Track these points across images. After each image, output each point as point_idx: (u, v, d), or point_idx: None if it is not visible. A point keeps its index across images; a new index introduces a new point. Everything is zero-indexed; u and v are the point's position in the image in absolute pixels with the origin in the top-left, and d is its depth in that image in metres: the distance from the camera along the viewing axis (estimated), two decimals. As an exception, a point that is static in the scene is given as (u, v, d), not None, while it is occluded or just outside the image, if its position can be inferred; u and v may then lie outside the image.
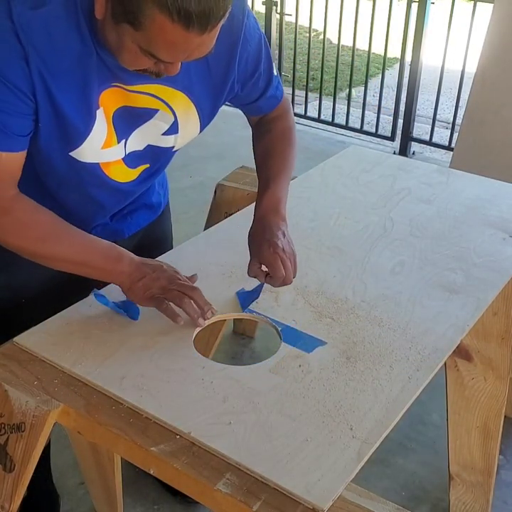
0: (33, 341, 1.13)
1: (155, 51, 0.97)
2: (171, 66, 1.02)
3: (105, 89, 1.10)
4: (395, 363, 1.11)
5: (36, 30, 1.00)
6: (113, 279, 1.17)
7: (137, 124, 1.19)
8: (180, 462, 0.92)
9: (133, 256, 1.17)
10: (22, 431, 1.02)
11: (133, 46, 0.98)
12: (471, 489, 1.73)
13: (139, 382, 1.04)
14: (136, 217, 1.43)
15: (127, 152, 1.21)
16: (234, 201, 1.84)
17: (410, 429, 2.09)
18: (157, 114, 1.19)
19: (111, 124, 1.15)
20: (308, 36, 4.53)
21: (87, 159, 1.16)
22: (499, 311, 1.52)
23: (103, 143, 1.16)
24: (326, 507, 0.86)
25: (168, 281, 1.15)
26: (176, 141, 1.25)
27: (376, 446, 0.95)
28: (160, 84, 1.15)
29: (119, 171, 1.23)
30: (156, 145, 1.24)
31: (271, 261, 1.19)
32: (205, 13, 0.91)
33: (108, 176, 1.22)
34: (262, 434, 0.95)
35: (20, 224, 1.13)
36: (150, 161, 1.28)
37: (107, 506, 1.66)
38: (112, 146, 1.17)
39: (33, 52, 1.00)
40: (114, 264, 1.15)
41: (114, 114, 1.14)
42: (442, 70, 3.92)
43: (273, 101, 1.37)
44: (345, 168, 1.85)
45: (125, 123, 1.17)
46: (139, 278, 1.14)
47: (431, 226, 1.55)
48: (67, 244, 1.15)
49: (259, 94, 1.32)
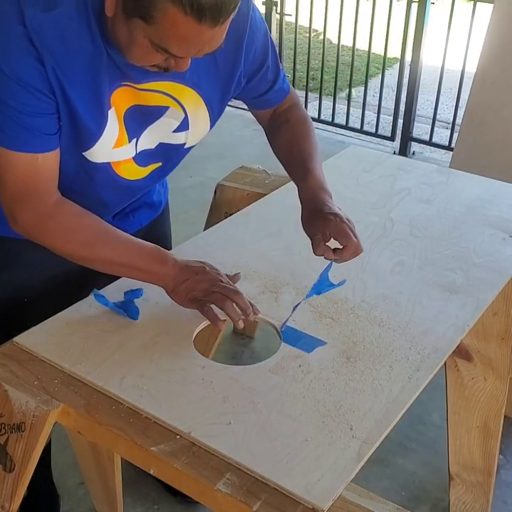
0: (33, 341, 1.13)
1: (167, 45, 0.97)
2: (182, 61, 1.02)
3: (116, 89, 1.11)
4: (394, 363, 1.11)
5: (49, 32, 1.00)
6: (157, 280, 1.17)
7: (148, 123, 1.19)
8: (180, 462, 0.92)
9: (176, 258, 1.17)
10: (22, 431, 1.02)
11: (144, 41, 0.98)
12: (471, 489, 1.73)
13: (139, 382, 1.04)
14: (138, 216, 1.43)
15: (138, 151, 1.21)
16: (234, 201, 1.84)
17: (410, 429, 2.09)
18: (167, 111, 1.19)
19: (122, 123, 1.15)
20: (308, 36, 4.53)
21: (99, 159, 1.17)
22: (499, 311, 1.52)
23: (114, 143, 1.16)
24: (326, 507, 0.86)
25: (211, 283, 1.14)
26: (186, 137, 1.25)
27: (376, 446, 0.95)
28: (169, 81, 1.15)
29: (129, 170, 1.23)
30: (168, 142, 1.24)
31: (340, 230, 1.16)
32: (217, 6, 0.92)
33: (118, 175, 1.23)
34: (262, 434, 0.95)
35: (67, 228, 1.14)
36: (162, 159, 1.27)
37: (107, 506, 1.66)
38: (123, 145, 1.18)
39: (47, 54, 1.01)
40: (159, 266, 1.16)
41: (125, 113, 1.14)
42: (442, 70, 3.92)
43: (281, 93, 1.37)
44: (345, 168, 1.85)
45: (136, 122, 1.17)
46: (183, 280, 1.14)
47: (431, 226, 1.55)
48: (113, 247, 1.16)
49: (269, 87, 1.33)
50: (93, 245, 1.15)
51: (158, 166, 1.28)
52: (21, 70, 1.00)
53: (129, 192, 1.32)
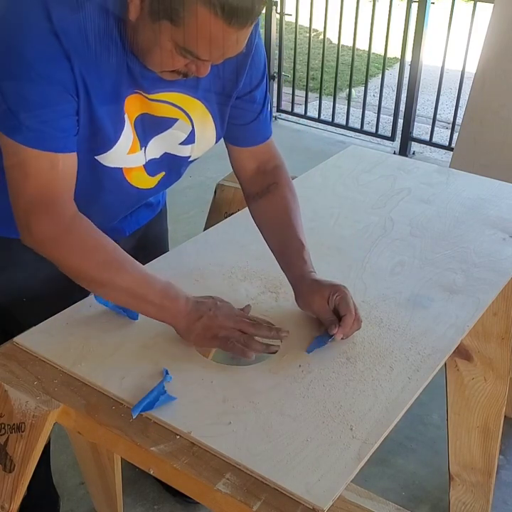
0: (33, 341, 1.12)
1: (192, 47, 0.97)
2: (203, 66, 1.02)
3: (129, 95, 1.11)
4: (394, 363, 1.11)
5: (75, 33, 1.00)
6: (168, 317, 1.11)
7: (156, 132, 1.18)
8: (180, 462, 0.92)
9: (188, 295, 1.12)
10: (22, 431, 1.02)
11: (168, 44, 0.98)
12: (471, 489, 1.73)
13: (139, 382, 1.04)
14: (136, 216, 1.43)
15: (147, 159, 1.21)
16: (234, 201, 1.84)
17: (410, 429, 2.09)
18: (176, 123, 1.18)
19: (133, 129, 1.15)
20: (308, 36, 4.54)
21: (112, 163, 1.16)
22: (499, 311, 1.52)
23: (129, 148, 1.15)
24: (326, 507, 0.86)
25: (227, 317, 1.10)
26: (192, 150, 1.25)
27: (376, 446, 0.95)
28: (179, 92, 1.15)
29: (139, 178, 1.23)
30: (173, 153, 1.24)
31: (344, 298, 1.14)
32: (247, 9, 0.93)
33: (129, 182, 1.22)
34: (262, 434, 0.95)
35: (85, 245, 1.08)
36: (166, 169, 1.27)
37: (107, 506, 1.66)
38: (136, 151, 1.17)
39: (74, 53, 1.00)
40: (172, 302, 1.09)
41: (136, 120, 1.14)
42: (442, 70, 3.93)
43: (266, 130, 1.31)
44: (345, 168, 1.85)
45: (145, 130, 1.17)
46: (197, 318, 1.09)
47: (431, 226, 1.55)
48: (129, 275, 1.09)
49: (254, 117, 1.27)
50: (110, 268, 1.08)
51: (163, 176, 1.28)
52: (49, 65, 0.99)
53: (135, 200, 1.32)
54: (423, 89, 4.35)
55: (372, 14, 4.03)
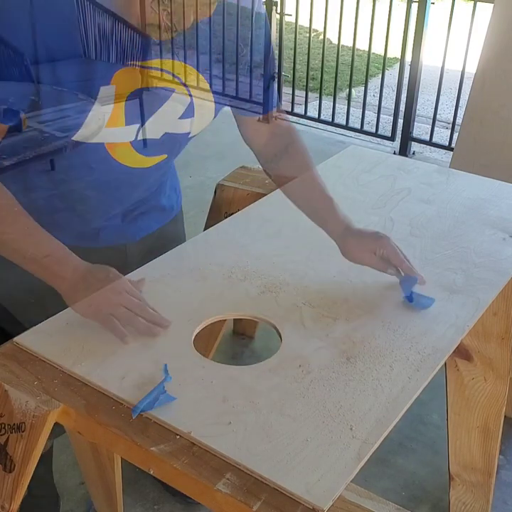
0: (33, 341, 1.12)
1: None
2: (185, 18, 1.01)
3: (120, 68, 1.09)
4: (395, 363, 1.11)
5: None
6: (52, 281, 1.09)
7: (154, 108, 1.17)
8: (180, 462, 0.92)
9: (79, 262, 1.10)
10: (22, 431, 1.02)
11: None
12: (471, 489, 1.73)
13: (139, 382, 1.04)
14: (148, 220, 1.41)
15: (141, 138, 1.18)
16: (234, 201, 1.84)
17: (410, 429, 2.09)
18: (173, 94, 1.16)
19: (122, 103, 1.12)
20: (308, 36, 4.53)
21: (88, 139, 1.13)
22: (499, 311, 1.52)
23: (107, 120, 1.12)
24: (326, 507, 0.86)
25: (114, 292, 1.09)
26: (191, 126, 1.23)
27: (376, 446, 0.95)
28: (175, 60, 1.13)
29: (127, 155, 1.20)
30: (173, 132, 1.22)
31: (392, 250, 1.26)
32: None
33: (114, 159, 1.19)
34: (262, 434, 0.95)
35: None
36: (167, 151, 1.25)
37: (107, 506, 1.66)
38: (117, 126, 1.14)
39: None
40: (57, 265, 1.07)
41: (129, 96, 1.12)
42: (442, 70, 3.92)
43: (272, 98, 1.34)
44: (345, 168, 1.85)
45: (141, 107, 1.14)
46: (84, 288, 1.07)
47: (431, 226, 1.55)
48: (10, 225, 1.05)
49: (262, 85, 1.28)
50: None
51: (164, 159, 1.26)
52: None
53: (133, 181, 1.29)
54: (423, 89, 4.35)
55: (372, 14, 4.03)
